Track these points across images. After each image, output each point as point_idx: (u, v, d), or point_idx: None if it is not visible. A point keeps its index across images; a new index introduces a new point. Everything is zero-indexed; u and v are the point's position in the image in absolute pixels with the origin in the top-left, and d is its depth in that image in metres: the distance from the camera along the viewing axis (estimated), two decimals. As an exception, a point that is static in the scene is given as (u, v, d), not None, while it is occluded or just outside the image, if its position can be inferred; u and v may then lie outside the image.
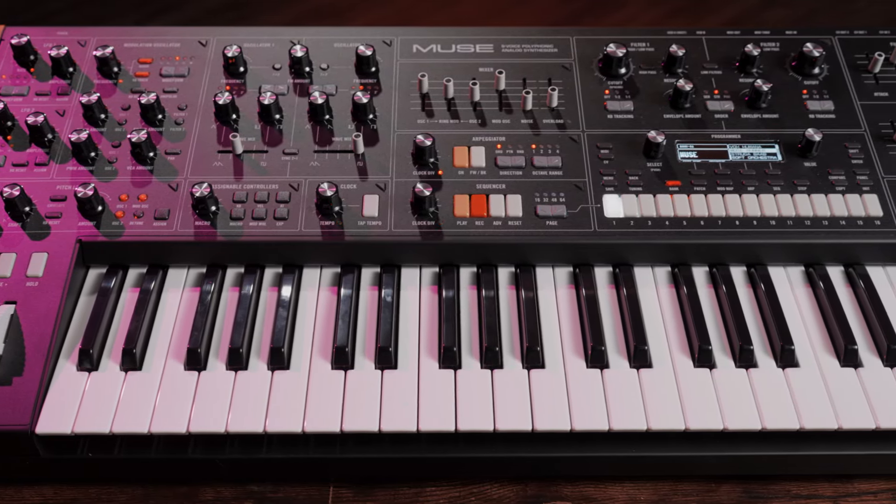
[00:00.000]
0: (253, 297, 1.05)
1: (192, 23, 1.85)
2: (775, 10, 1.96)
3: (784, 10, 1.97)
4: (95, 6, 1.96)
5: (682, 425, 0.95)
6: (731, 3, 2.00)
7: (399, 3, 2.02)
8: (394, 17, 1.99)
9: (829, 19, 1.92)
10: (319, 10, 1.98)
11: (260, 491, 0.99)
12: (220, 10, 1.97)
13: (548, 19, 2.00)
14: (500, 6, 2.03)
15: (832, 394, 0.97)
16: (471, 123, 1.16)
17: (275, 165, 1.12)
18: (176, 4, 1.96)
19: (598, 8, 2.01)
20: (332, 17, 1.96)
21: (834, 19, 1.91)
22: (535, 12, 2.01)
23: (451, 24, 1.84)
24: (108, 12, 1.97)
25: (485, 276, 1.07)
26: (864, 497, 0.99)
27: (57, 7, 1.96)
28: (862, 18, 1.92)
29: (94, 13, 1.95)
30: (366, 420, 0.95)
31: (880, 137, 1.15)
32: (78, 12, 1.94)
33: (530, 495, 0.99)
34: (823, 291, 1.06)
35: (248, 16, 1.97)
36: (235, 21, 1.90)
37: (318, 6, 1.98)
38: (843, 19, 1.90)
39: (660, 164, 1.12)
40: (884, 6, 1.94)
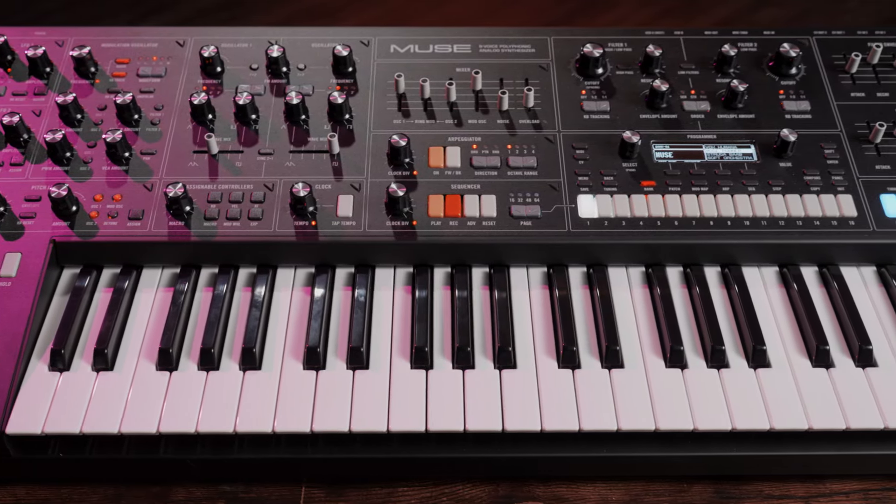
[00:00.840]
0: (226, 297, 1.05)
1: (184, 23, 1.84)
2: (767, 9, 1.95)
3: (776, 10, 1.97)
4: (89, 6, 1.96)
5: (652, 426, 0.95)
6: (723, 2, 1.99)
7: (391, 3, 2.02)
8: (386, 16, 1.98)
9: (820, 19, 1.91)
10: (311, 10, 1.98)
11: (232, 491, 0.99)
12: (212, 10, 1.97)
13: (540, 19, 1.99)
14: (491, 6, 2.03)
15: (803, 394, 0.97)
16: (447, 124, 1.16)
17: (250, 165, 1.12)
18: (169, 4, 1.96)
19: (590, 8, 2.00)
20: (324, 18, 1.96)
21: (826, 19, 1.90)
22: (527, 12, 2.01)
23: (442, 24, 1.83)
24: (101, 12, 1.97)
25: (458, 276, 1.07)
26: (835, 497, 0.99)
27: (51, 7, 1.96)
28: (854, 18, 1.92)
29: (87, 13, 1.94)
30: (336, 420, 0.95)
31: (856, 138, 1.15)
32: (71, 12, 1.94)
33: (502, 495, 0.99)
34: (797, 292, 1.06)
35: (241, 16, 1.97)
36: (228, 21, 1.89)
37: (311, 6, 1.98)
38: (835, 19, 1.90)
39: (635, 164, 1.12)
40: (875, 6, 1.94)
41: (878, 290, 1.08)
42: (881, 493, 0.99)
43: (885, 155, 1.13)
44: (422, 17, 2.00)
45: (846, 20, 1.86)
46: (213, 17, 1.95)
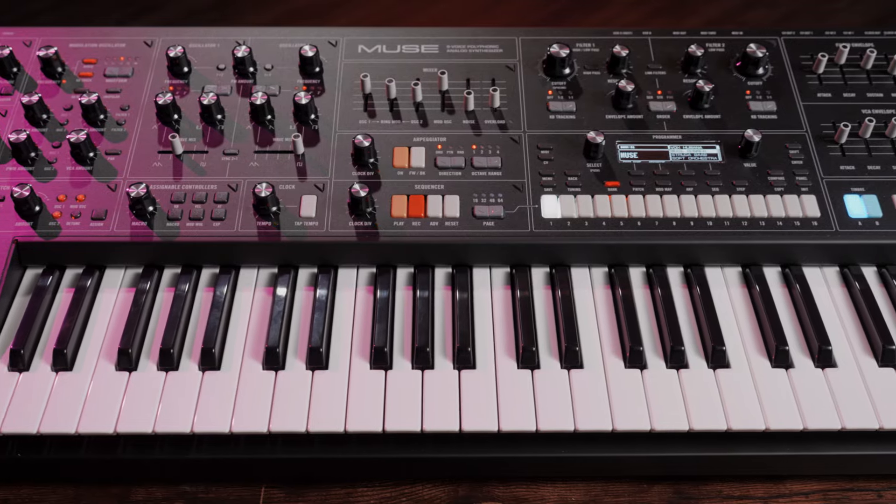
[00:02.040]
0: (188, 297, 1.05)
1: (174, 22, 1.85)
2: (757, 10, 1.95)
3: (765, 11, 1.97)
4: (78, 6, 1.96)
5: (609, 426, 0.95)
6: (713, 2, 1.99)
7: (381, 3, 2.02)
8: (376, 16, 1.98)
9: (810, 19, 1.91)
10: (301, 10, 1.97)
11: (192, 491, 0.99)
12: (202, 10, 1.97)
13: (530, 19, 1.99)
14: (481, 6, 2.02)
15: (761, 395, 0.97)
16: (412, 124, 1.16)
17: (214, 166, 1.12)
18: (159, 4, 1.95)
19: (580, 8, 2.00)
20: (314, 18, 1.96)
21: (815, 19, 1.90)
22: (517, 11, 2.01)
23: (431, 23, 1.83)
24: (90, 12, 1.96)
25: (420, 276, 1.07)
26: (795, 498, 0.99)
27: (39, 7, 1.96)
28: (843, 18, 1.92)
29: (76, 13, 1.94)
30: (293, 421, 0.95)
31: (821, 138, 1.15)
32: (60, 12, 1.94)
33: (462, 496, 0.99)
34: (758, 292, 1.06)
35: (231, 16, 1.97)
36: (217, 21, 1.89)
37: (300, 6, 1.98)
38: (824, 19, 1.90)
39: (600, 164, 1.12)
40: (865, 5, 1.94)
41: (840, 291, 1.08)
42: (840, 494, 0.99)
43: (850, 155, 1.13)
44: (411, 16, 2.00)
45: (835, 20, 1.86)
46: (203, 17, 1.95)
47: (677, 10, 2.00)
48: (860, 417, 0.95)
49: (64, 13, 1.94)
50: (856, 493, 0.99)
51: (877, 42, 1.24)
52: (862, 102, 1.18)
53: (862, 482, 1.00)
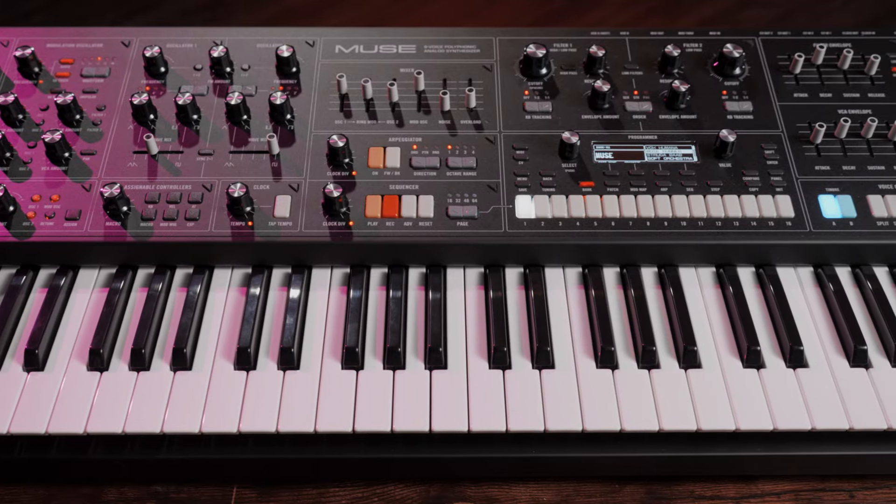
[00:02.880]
0: (160, 297, 1.05)
1: (168, 23, 1.85)
2: (752, 10, 1.95)
3: (761, 10, 1.96)
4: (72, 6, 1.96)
5: (579, 426, 0.95)
6: (708, 2, 1.99)
7: (373, 3, 2.02)
8: (368, 17, 1.98)
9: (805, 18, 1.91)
10: (294, 10, 1.97)
11: (163, 491, 0.99)
12: (195, 10, 1.97)
13: (522, 19, 1.99)
14: (474, 6, 2.02)
15: (732, 395, 0.97)
16: (388, 124, 1.16)
17: (189, 166, 1.12)
18: (153, 4, 1.95)
19: (575, 8, 2.00)
20: (306, 18, 1.96)
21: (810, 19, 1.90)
22: (510, 12, 2.00)
23: (424, 23, 1.83)
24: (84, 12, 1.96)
25: (393, 276, 1.07)
26: (766, 498, 0.99)
27: (33, 7, 1.95)
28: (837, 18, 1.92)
29: (70, 13, 1.94)
30: (264, 421, 0.95)
31: (797, 138, 1.15)
32: (54, 12, 1.94)
33: (433, 496, 0.99)
34: (731, 292, 1.06)
35: (223, 16, 1.97)
36: (210, 21, 1.89)
37: (293, 7, 1.98)
38: (819, 18, 1.90)
39: (575, 164, 1.12)
40: (859, 5, 1.94)
41: (813, 291, 1.08)
42: (812, 494, 0.99)
43: (825, 156, 1.13)
44: (404, 16, 2.00)
45: (830, 19, 1.86)
46: (197, 17, 1.95)
47: (672, 9, 1.99)
48: (830, 418, 0.95)
49: (57, 13, 1.94)
50: (827, 493, 0.99)
51: (854, 42, 1.24)
52: (838, 102, 1.18)
53: (834, 482, 1.00)
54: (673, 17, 1.96)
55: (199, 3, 1.97)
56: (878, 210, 1.08)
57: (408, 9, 2.01)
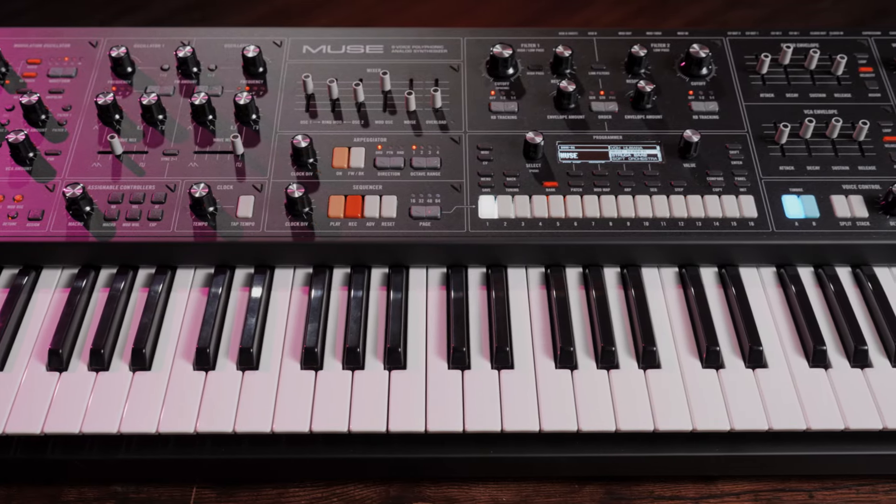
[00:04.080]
0: (122, 297, 1.05)
1: (157, 23, 1.85)
2: (739, 10, 1.95)
3: (748, 10, 1.96)
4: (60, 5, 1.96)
5: (536, 427, 0.95)
6: (696, 2, 1.99)
7: (362, 3, 2.02)
8: (357, 17, 1.98)
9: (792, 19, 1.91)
10: (285, 10, 1.97)
11: (123, 491, 0.99)
12: (185, 9, 1.97)
13: (511, 19, 1.99)
14: (463, 5, 2.02)
15: (690, 395, 0.97)
16: (353, 124, 1.16)
17: (154, 166, 1.12)
18: (142, 4, 1.95)
19: (562, 7, 2.00)
20: (296, 18, 1.96)
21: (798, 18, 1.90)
22: (499, 11, 2.00)
23: (414, 23, 1.83)
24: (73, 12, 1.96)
25: (355, 276, 1.07)
26: (726, 498, 0.99)
27: (21, 7, 1.96)
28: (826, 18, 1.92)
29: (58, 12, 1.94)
30: (221, 421, 0.95)
31: (762, 138, 1.15)
32: (42, 12, 1.94)
33: (393, 496, 0.99)
34: (693, 293, 1.06)
35: (213, 16, 1.97)
36: (199, 21, 1.89)
37: (282, 6, 1.98)
38: (807, 19, 1.90)
39: (539, 165, 1.12)
40: (847, 5, 1.94)
41: (775, 291, 1.08)
42: (772, 495, 0.99)
43: (790, 156, 1.13)
44: (393, 16, 2.00)
45: (818, 20, 1.86)
46: (186, 17, 1.95)
47: (659, 9, 1.99)
48: (788, 418, 0.95)
49: (46, 13, 1.94)
50: (787, 493, 0.99)
51: (822, 42, 1.24)
52: (804, 103, 1.18)
53: (794, 482, 1.00)
54: (661, 17, 1.96)
55: (189, 2, 1.97)
56: (841, 210, 1.08)
57: (398, 8, 2.01)
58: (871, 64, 1.22)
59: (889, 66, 1.21)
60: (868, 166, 1.12)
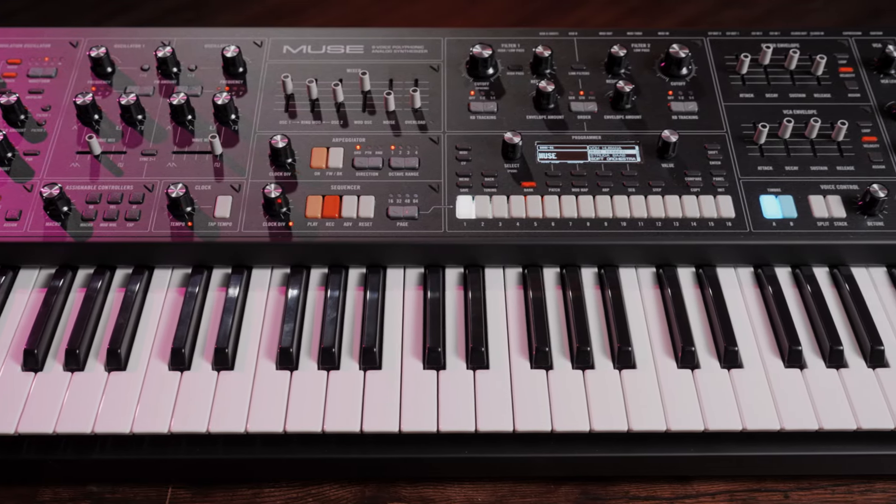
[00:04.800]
0: (99, 298, 1.05)
1: (150, 23, 1.85)
2: (732, 10, 1.95)
3: (741, 10, 1.96)
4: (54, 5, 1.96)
5: (510, 427, 0.95)
6: (689, 2, 1.99)
7: (356, 3, 2.02)
8: (351, 16, 1.98)
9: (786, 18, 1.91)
10: (276, 9, 1.97)
11: (98, 491, 0.99)
12: (178, 9, 1.97)
13: (504, 19, 1.99)
14: (457, 5, 2.02)
15: (664, 396, 0.97)
16: (332, 124, 1.16)
17: (132, 166, 1.12)
18: (135, 4, 1.95)
19: (555, 7, 2.00)
20: (289, 17, 1.96)
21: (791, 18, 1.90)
22: (492, 11, 2.01)
23: (407, 23, 1.83)
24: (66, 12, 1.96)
25: (332, 276, 1.07)
26: (701, 498, 0.99)
27: (15, 7, 1.96)
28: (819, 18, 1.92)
29: (52, 12, 1.94)
30: (195, 421, 0.95)
31: (741, 138, 1.15)
32: (36, 12, 1.94)
33: (368, 496, 0.99)
34: (670, 293, 1.06)
35: (206, 15, 1.97)
36: (192, 21, 1.89)
37: (276, 6, 1.98)
38: (800, 18, 1.90)
39: (517, 165, 1.12)
40: (840, 5, 1.94)
41: (752, 291, 1.08)
42: (747, 495, 0.99)
43: (769, 156, 1.13)
44: (387, 16, 2.00)
45: (811, 20, 1.86)
46: (179, 17, 1.95)
47: (653, 9, 1.99)
48: (762, 419, 0.95)
49: (40, 13, 1.94)
50: (762, 493, 0.99)
51: (802, 43, 1.24)
52: (784, 103, 1.18)
53: (769, 483, 1.00)
54: (654, 17, 1.96)
55: (182, 2, 1.97)
56: (818, 210, 1.08)
57: (390, 8, 2.01)
58: (851, 64, 1.22)
59: (869, 66, 1.21)
60: (846, 166, 1.12)
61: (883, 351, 1.00)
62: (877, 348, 1.00)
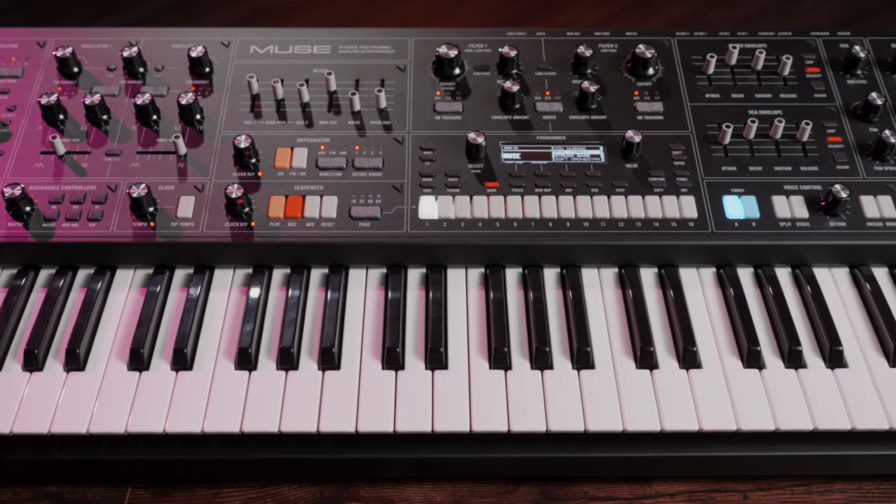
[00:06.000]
0: (60, 297, 1.05)
1: (140, 23, 1.85)
2: (723, 10, 1.95)
3: (730, 10, 1.96)
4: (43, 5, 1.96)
5: (467, 428, 0.95)
6: (678, 2, 1.99)
7: (345, 3, 2.02)
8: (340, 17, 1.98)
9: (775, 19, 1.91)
10: (266, 10, 1.97)
11: (58, 492, 0.99)
12: (167, 9, 1.97)
13: (492, 19, 1.99)
14: (445, 6, 2.02)
15: (622, 396, 0.97)
16: (297, 125, 1.16)
17: (96, 166, 1.12)
18: (125, 4, 1.95)
19: (544, 7, 2.00)
20: (279, 17, 1.96)
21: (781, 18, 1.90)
22: (481, 12, 2.00)
23: (396, 24, 1.83)
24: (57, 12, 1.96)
25: (294, 277, 1.08)
26: (660, 499, 0.99)
27: (4, 7, 1.96)
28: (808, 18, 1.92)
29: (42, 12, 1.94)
30: (152, 422, 0.95)
31: (706, 139, 1.15)
32: (26, 11, 1.94)
33: (327, 496, 0.99)
34: (631, 293, 1.06)
35: (196, 15, 1.97)
36: (181, 21, 1.89)
37: (265, 6, 1.98)
38: (790, 18, 1.90)
39: (481, 165, 1.12)
40: (831, 5, 1.94)
41: (714, 292, 1.08)
42: (706, 495, 0.99)
43: (733, 156, 1.13)
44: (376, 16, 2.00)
45: (801, 20, 1.86)
46: (168, 17, 1.95)
47: (642, 9, 1.99)
48: (719, 419, 0.95)
49: (30, 13, 1.94)
50: (721, 493, 0.99)
51: (770, 43, 1.24)
52: (749, 103, 1.18)
53: (729, 483, 1.00)
54: (644, 17, 1.96)
55: (171, 2, 1.97)
56: (781, 211, 1.08)
57: (380, 8, 2.01)
58: (818, 64, 1.22)
59: (836, 66, 1.21)
60: (811, 167, 1.12)
61: (842, 351, 1.00)
62: (835, 349, 1.00)
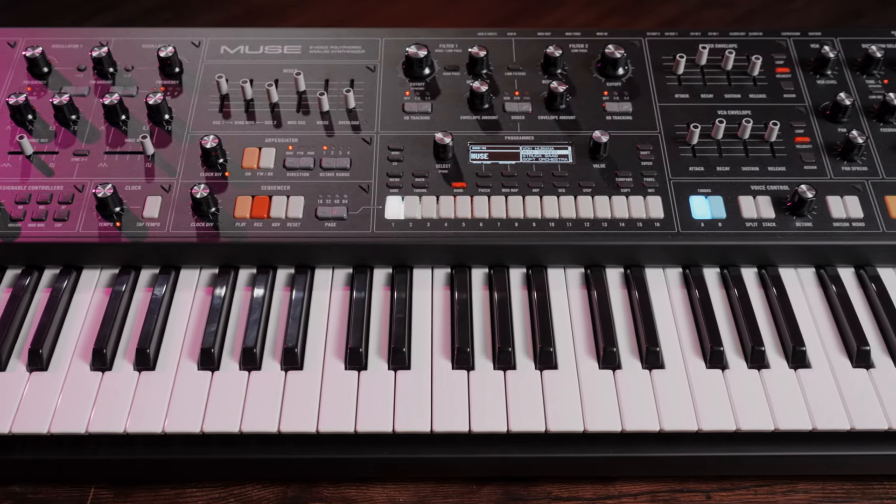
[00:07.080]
0: (25, 297, 1.05)
1: (130, 23, 1.85)
2: (713, 10, 1.95)
3: (721, 11, 1.96)
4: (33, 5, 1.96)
5: (427, 428, 0.95)
6: (669, 2, 1.99)
7: (336, 3, 2.02)
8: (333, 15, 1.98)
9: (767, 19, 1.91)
10: (257, 10, 1.97)
11: (21, 492, 0.99)
12: (157, 9, 1.97)
13: (483, 19, 1.99)
14: (436, 6, 2.02)
15: (584, 396, 0.97)
16: (266, 125, 1.16)
17: (63, 166, 1.12)
18: (114, 3, 1.95)
19: (535, 7, 2.00)
20: (270, 17, 1.96)
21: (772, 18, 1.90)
22: (471, 12, 2.00)
23: (387, 24, 1.83)
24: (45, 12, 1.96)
25: (259, 277, 1.08)
26: (623, 499, 0.99)
27: None
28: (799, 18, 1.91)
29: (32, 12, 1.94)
30: (114, 422, 0.95)
31: (674, 139, 1.15)
32: (15, 11, 1.94)
33: (290, 497, 0.99)
34: (596, 294, 1.06)
35: (186, 15, 1.96)
36: (171, 21, 1.89)
37: (256, 6, 1.98)
38: (780, 19, 1.89)
39: (449, 165, 1.12)
40: (822, 5, 1.94)
41: (679, 292, 1.08)
42: (669, 496, 0.99)
43: (700, 157, 1.13)
44: (366, 16, 2.00)
45: (791, 20, 1.86)
46: (158, 17, 1.94)
47: (633, 9, 1.99)
48: (680, 419, 0.95)
49: (18, 13, 1.94)
50: (684, 493, 0.99)
51: (740, 43, 1.24)
52: (719, 103, 1.18)
53: (692, 483, 1.00)
54: (634, 17, 1.95)
55: (161, 2, 1.97)
56: (747, 211, 1.08)
57: (371, 8, 2.01)
58: (788, 65, 1.22)
59: (806, 66, 1.21)
60: (778, 167, 1.12)
61: (804, 352, 1.00)
62: (798, 349, 1.00)
